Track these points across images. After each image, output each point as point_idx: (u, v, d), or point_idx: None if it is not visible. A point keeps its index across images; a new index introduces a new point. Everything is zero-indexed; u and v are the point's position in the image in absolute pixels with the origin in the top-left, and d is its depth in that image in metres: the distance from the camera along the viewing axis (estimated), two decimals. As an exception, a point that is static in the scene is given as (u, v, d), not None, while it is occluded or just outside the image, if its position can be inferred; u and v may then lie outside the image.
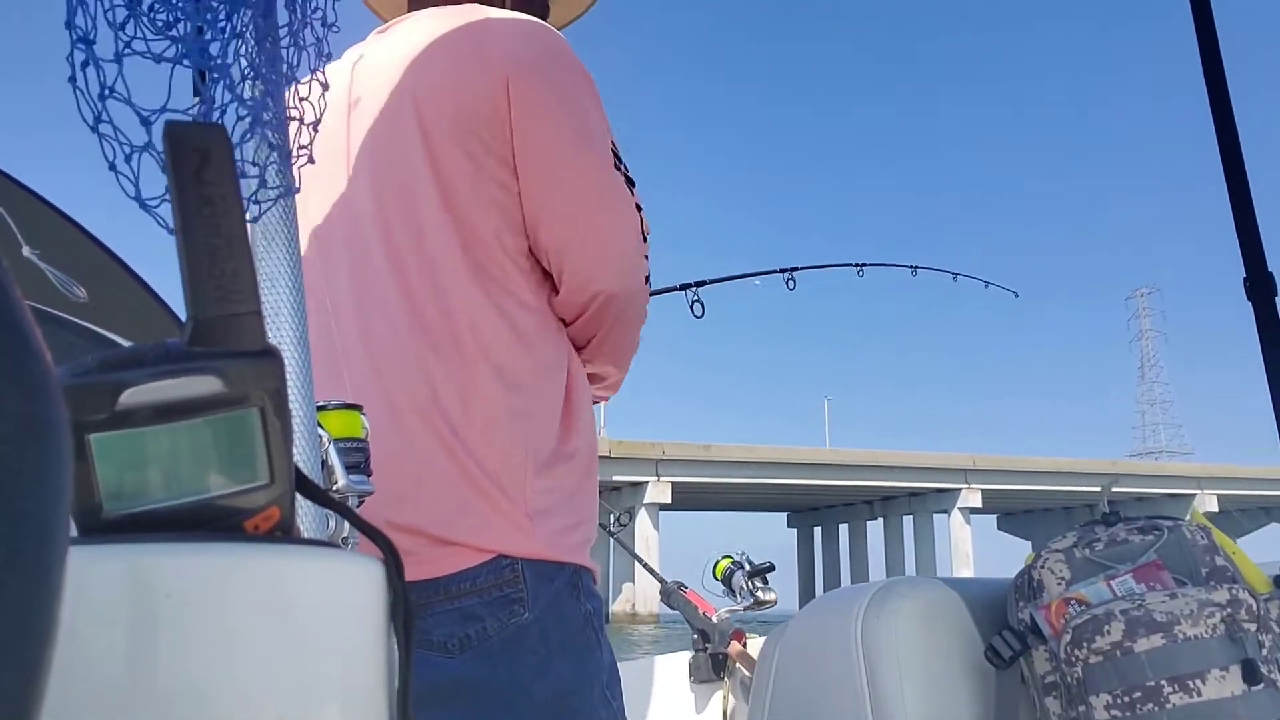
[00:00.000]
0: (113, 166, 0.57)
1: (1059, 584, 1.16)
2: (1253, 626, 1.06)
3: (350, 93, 1.22)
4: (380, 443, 1.07)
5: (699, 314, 2.97)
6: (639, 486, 28.65)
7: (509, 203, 1.13)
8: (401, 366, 1.11)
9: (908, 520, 38.62)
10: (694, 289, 3.00)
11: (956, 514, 34.32)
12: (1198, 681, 1.03)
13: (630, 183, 1.20)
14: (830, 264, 3.79)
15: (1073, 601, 1.12)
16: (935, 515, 36.59)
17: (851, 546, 43.46)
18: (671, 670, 2.74)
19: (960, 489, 33.80)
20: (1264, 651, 1.06)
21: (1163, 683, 1.03)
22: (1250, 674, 1.03)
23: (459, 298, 1.11)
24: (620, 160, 1.19)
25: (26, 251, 0.99)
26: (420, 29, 1.19)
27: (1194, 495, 35.80)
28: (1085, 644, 1.07)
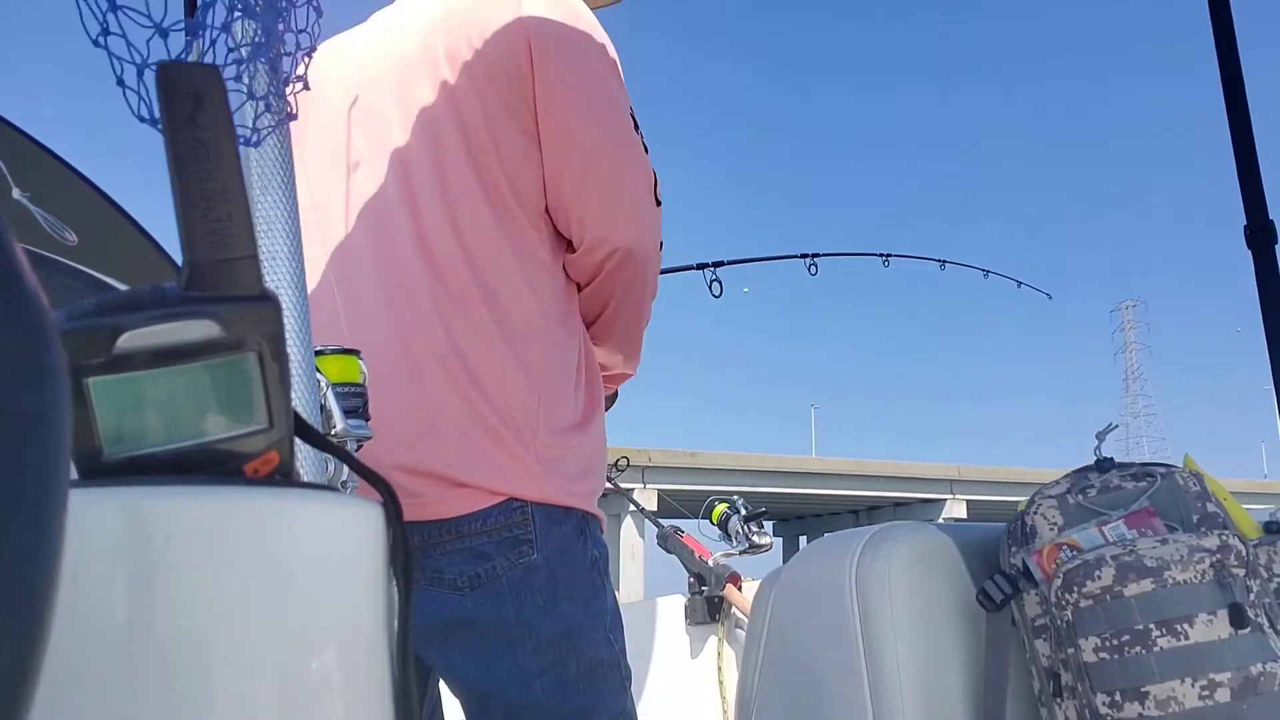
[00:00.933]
0: (120, 81, 0.55)
1: (1051, 529, 1.17)
2: (1241, 572, 1.08)
3: (379, 48, 1.24)
4: (396, 388, 1.09)
5: (717, 293, 2.99)
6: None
7: (529, 165, 1.15)
8: (418, 313, 1.13)
9: (893, 530, 38.21)
10: (712, 269, 3.01)
11: (942, 525, 33.94)
12: (1185, 625, 1.04)
13: (645, 148, 1.21)
14: (855, 252, 3.77)
15: (1064, 546, 1.14)
16: (921, 525, 36.14)
17: (837, 556, 43.16)
18: (668, 613, 2.78)
19: (945, 499, 33.10)
20: (1251, 596, 1.07)
21: (1151, 626, 1.05)
22: (1237, 618, 1.04)
23: (477, 249, 1.13)
24: (637, 126, 1.20)
25: (16, 194, 0.98)
26: None
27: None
28: (1076, 588, 1.08)
